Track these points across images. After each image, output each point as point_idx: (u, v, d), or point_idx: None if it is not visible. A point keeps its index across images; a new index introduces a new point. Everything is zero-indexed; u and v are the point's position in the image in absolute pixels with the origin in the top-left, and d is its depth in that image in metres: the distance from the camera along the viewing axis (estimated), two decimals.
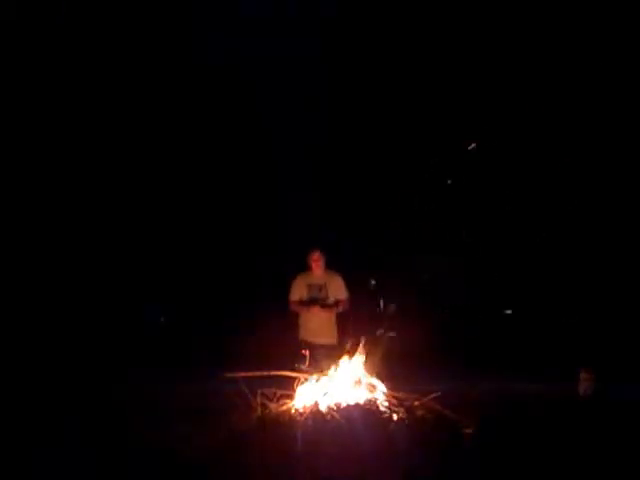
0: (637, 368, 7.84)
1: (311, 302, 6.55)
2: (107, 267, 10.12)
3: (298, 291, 6.66)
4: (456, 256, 10.06)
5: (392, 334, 7.46)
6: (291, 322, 7.27)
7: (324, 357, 6.21)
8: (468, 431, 5.56)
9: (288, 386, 5.95)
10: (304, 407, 5.64)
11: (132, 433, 5.58)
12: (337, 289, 6.59)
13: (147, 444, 5.24)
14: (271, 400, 5.84)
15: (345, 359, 6.02)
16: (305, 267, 6.67)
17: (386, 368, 6.19)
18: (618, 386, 7.09)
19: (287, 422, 5.50)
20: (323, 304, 6.53)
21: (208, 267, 10.39)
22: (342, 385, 5.93)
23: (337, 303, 6.60)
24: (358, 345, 5.91)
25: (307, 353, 6.13)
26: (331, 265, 6.78)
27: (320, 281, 6.56)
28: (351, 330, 6.48)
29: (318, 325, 6.56)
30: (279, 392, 5.87)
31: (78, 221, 10.12)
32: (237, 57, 10.43)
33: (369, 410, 5.60)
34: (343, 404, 5.62)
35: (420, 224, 10.08)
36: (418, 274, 9.43)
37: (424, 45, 10.10)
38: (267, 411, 5.73)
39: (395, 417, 5.54)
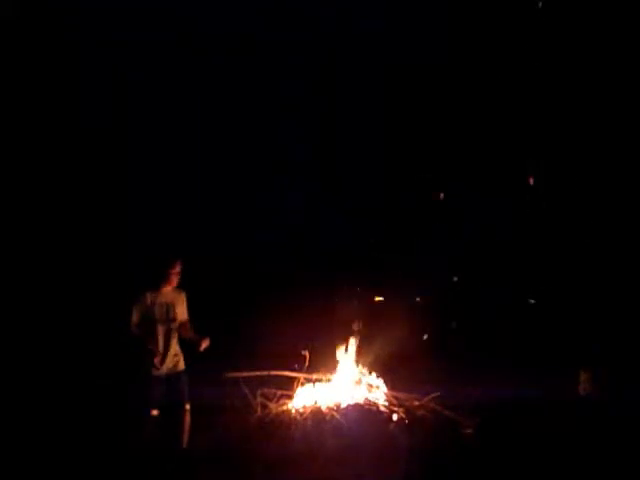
0: (637, 368, 7.83)
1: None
2: (105, 268, 10.09)
3: (141, 310, 5.37)
4: (456, 256, 10.05)
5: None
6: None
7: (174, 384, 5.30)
8: (468, 431, 5.57)
9: (288, 386, 5.97)
10: (304, 407, 5.66)
11: (132, 433, 5.57)
12: (183, 309, 5.55)
13: (147, 444, 5.24)
14: (271, 400, 5.85)
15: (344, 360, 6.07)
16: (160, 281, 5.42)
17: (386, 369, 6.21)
18: (619, 386, 7.09)
19: (287, 422, 5.51)
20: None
21: (207, 265, 10.37)
22: (342, 385, 5.95)
23: (182, 326, 5.52)
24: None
25: (307, 354, 6.12)
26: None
27: (168, 299, 5.44)
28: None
29: (164, 351, 5.41)
30: (279, 392, 5.89)
31: (73, 220, 10.09)
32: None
33: (369, 410, 5.61)
34: (343, 404, 5.63)
35: (421, 221, 10.06)
36: (417, 274, 9.41)
37: (425, 42, 10.09)
38: (267, 411, 5.74)
39: (395, 417, 5.56)
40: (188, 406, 5.23)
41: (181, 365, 5.40)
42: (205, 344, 5.38)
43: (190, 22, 10.29)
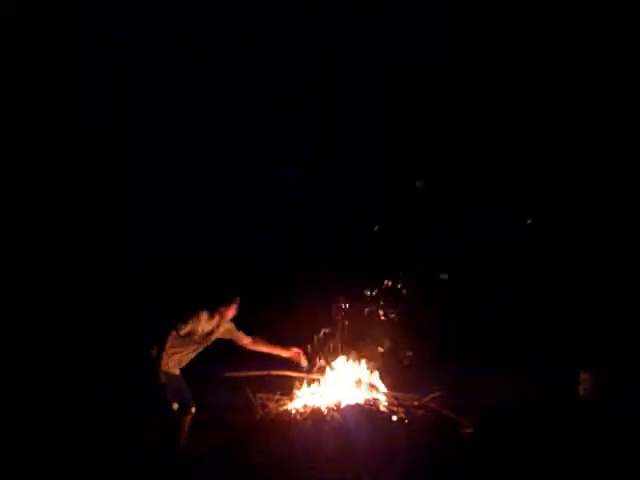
0: (637, 368, 7.83)
1: None
2: (104, 268, 10.07)
3: (192, 327, 5.44)
4: (456, 255, 10.05)
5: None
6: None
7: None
8: (468, 431, 5.57)
9: (288, 387, 5.96)
10: (304, 407, 5.66)
11: (131, 432, 5.58)
12: (237, 333, 5.82)
13: (147, 443, 5.24)
14: (271, 400, 5.85)
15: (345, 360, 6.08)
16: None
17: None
18: (619, 386, 7.08)
19: (287, 422, 5.51)
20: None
21: (207, 265, 10.36)
22: (342, 385, 5.95)
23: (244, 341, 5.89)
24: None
25: (310, 355, 6.13)
26: None
27: (213, 327, 5.56)
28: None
29: (185, 360, 5.56)
30: (279, 392, 5.88)
31: (73, 219, 10.08)
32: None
33: (369, 410, 5.61)
34: (343, 404, 5.63)
35: (420, 222, 10.07)
36: (417, 273, 9.41)
37: (425, 42, 10.09)
38: (267, 411, 5.74)
39: (395, 417, 5.56)
40: (194, 409, 5.26)
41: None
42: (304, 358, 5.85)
43: (190, 22, 10.29)
